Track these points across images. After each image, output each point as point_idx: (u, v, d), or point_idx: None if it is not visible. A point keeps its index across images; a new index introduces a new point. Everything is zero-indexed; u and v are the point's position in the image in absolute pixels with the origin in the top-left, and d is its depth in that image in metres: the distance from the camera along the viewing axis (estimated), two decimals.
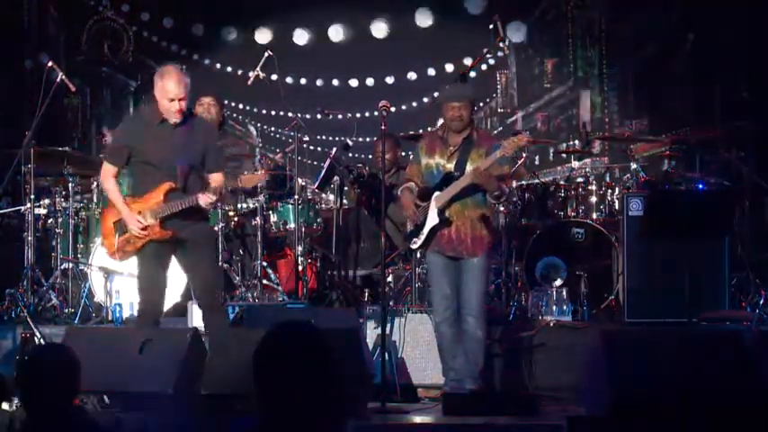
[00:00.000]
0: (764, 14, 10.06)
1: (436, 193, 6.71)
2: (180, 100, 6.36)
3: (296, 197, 8.53)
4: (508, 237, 8.41)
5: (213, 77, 13.54)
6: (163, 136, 6.44)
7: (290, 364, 3.23)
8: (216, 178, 6.53)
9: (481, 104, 14.27)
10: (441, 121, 6.97)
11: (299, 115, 8.69)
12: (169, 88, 6.35)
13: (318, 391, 3.26)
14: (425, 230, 6.71)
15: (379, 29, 13.69)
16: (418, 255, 8.12)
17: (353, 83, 14.08)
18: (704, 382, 5.49)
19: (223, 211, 8.33)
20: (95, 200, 8.61)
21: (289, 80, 12.44)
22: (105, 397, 5.91)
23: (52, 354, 4.07)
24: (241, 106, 14.82)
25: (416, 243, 6.79)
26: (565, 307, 7.72)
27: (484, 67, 13.23)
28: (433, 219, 6.69)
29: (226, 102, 10.16)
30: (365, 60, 13.69)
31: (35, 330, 7.17)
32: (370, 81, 14.01)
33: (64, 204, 8.55)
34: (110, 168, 6.58)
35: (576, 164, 9.03)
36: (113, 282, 7.96)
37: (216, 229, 8.12)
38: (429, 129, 11.27)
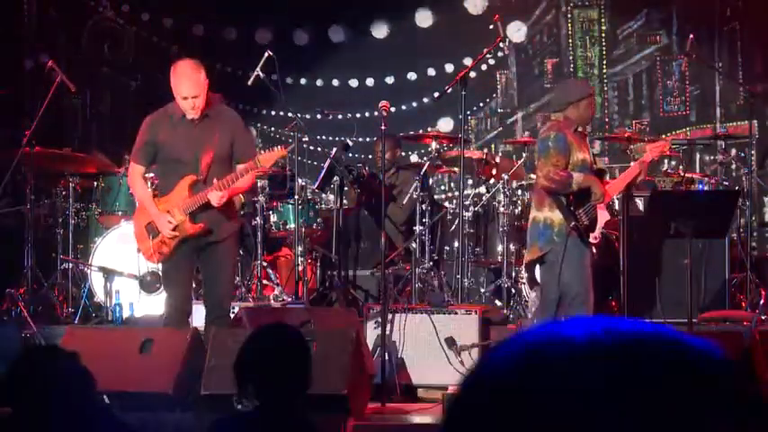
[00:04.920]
0: None
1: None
2: (193, 98, 6.15)
3: (296, 197, 8.52)
4: (508, 237, 8.41)
5: (213, 77, 13.48)
6: (185, 131, 6.25)
7: (267, 364, 3.47)
8: (245, 168, 6.22)
9: (481, 104, 14.26)
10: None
11: (299, 115, 8.67)
12: (179, 86, 6.17)
13: (294, 391, 3.42)
14: (601, 225, 6.52)
15: (379, 29, 13.68)
16: (418, 254, 8.15)
17: (353, 83, 14.05)
18: None
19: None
20: (95, 199, 8.61)
21: (289, 80, 12.42)
22: (105, 397, 5.91)
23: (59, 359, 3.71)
24: (241, 106, 14.81)
25: (598, 238, 6.54)
26: None
27: (484, 67, 13.19)
28: (605, 214, 6.55)
29: (226, 102, 10.13)
30: (365, 60, 13.65)
31: (35, 330, 7.17)
32: (370, 81, 13.98)
33: (64, 204, 8.55)
34: (137, 168, 6.40)
35: None
36: (113, 282, 7.95)
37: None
38: (429, 129, 11.27)
